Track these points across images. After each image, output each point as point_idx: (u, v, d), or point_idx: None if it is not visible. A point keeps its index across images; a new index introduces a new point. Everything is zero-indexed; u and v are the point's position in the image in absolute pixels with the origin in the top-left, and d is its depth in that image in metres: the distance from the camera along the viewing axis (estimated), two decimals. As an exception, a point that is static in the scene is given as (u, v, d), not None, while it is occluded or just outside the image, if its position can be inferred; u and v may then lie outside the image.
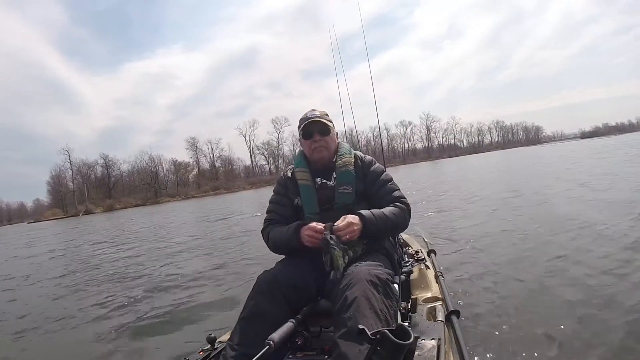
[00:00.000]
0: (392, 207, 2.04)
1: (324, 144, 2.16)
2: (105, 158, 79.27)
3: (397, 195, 2.13)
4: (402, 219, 2.04)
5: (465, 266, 4.41)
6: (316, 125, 2.16)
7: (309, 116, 2.17)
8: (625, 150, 22.96)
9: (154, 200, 71.97)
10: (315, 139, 2.15)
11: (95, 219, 41.35)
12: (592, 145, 39.84)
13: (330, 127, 2.18)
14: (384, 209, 2.02)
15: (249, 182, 77.36)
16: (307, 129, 2.17)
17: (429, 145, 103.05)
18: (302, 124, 2.18)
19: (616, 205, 6.70)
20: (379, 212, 1.97)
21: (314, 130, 2.15)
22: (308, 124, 2.16)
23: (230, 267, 6.28)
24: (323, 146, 2.16)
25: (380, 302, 1.58)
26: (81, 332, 4.15)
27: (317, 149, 2.16)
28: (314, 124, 2.16)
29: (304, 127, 2.17)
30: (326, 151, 2.18)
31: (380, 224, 1.92)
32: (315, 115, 2.17)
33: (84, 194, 73.37)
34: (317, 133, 2.15)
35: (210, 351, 1.84)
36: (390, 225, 1.98)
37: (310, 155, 2.21)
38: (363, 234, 1.89)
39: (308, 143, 2.18)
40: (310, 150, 2.19)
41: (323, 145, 2.16)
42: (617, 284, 3.29)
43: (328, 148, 2.18)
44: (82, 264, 9.13)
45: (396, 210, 2.02)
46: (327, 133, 2.17)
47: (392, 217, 1.99)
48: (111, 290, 5.83)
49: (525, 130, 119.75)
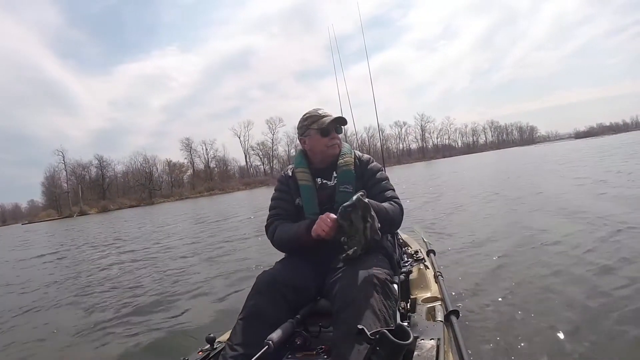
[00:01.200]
0: (388, 204, 2.02)
1: (338, 141, 2.17)
2: (99, 159, 78.82)
3: (390, 195, 2.11)
4: (396, 216, 2.02)
5: (465, 266, 4.43)
6: (342, 120, 2.18)
7: (325, 113, 2.16)
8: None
9: (148, 201, 71.58)
10: (333, 136, 2.15)
11: (89, 220, 41.09)
12: (578, 146, 40.08)
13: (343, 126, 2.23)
14: (383, 203, 2.00)
15: (244, 182, 77.17)
16: (333, 124, 2.15)
17: (424, 146, 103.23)
18: (324, 120, 2.13)
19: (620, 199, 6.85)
20: (377, 203, 1.95)
21: (331, 129, 2.14)
22: (333, 120, 2.14)
23: (230, 267, 6.28)
24: (338, 143, 2.17)
25: (379, 302, 1.58)
26: (81, 332, 4.14)
27: (334, 146, 2.16)
28: (338, 120, 2.17)
29: (328, 124, 2.13)
30: (339, 148, 2.19)
31: (378, 214, 1.87)
32: (330, 113, 2.18)
33: (78, 195, 72.87)
34: (333, 131, 2.15)
35: (210, 351, 1.83)
36: (386, 219, 1.93)
37: (324, 152, 2.16)
38: None
39: (325, 140, 2.14)
40: (326, 147, 2.15)
41: (338, 142, 2.17)
42: (619, 284, 3.28)
43: (340, 144, 2.20)
44: (82, 264, 9.15)
45: (391, 207, 2.01)
46: (340, 130, 2.20)
47: (390, 212, 1.97)
48: (111, 291, 5.83)
49: (519, 130, 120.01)
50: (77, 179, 76.08)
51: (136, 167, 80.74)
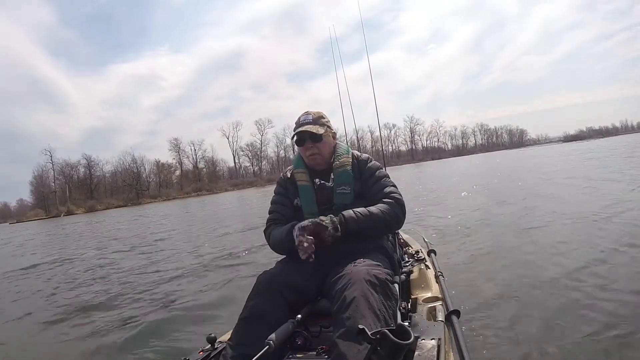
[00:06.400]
0: (381, 204, 2.01)
1: (316, 150, 2.13)
2: (87, 158, 77.92)
3: (389, 191, 2.09)
4: (391, 215, 1.99)
5: (466, 266, 4.47)
6: (306, 133, 2.12)
7: (301, 122, 2.14)
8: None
9: (136, 201, 70.94)
10: (308, 146, 2.12)
11: (75, 220, 40.67)
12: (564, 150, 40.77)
13: (322, 134, 2.12)
14: (372, 206, 2.00)
15: (232, 183, 76.87)
16: (299, 137, 2.13)
17: (413, 148, 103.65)
18: (294, 132, 2.15)
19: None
20: (364, 210, 1.95)
21: (305, 138, 2.12)
22: (299, 132, 2.12)
23: (230, 267, 6.30)
24: (316, 153, 2.13)
25: (379, 302, 1.58)
26: (80, 332, 4.16)
27: (311, 156, 2.14)
28: (300, 134, 2.12)
29: (296, 136, 2.14)
30: (320, 157, 2.15)
31: (362, 220, 1.91)
32: (307, 120, 2.13)
33: (65, 195, 72.02)
34: (308, 140, 2.12)
35: (210, 351, 1.82)
36: (377, 222, 1.95)
37: (308, 159, 2.17)
38: (346, 232, 1.88)
39: (302, 150, 2.16)
40: (306, 156, 2.16)
41: (316, 152, 2.13)
42: (620, 284, 3.32)
43: (322, 154, 2.15)
44: (83, 264, 9.09)
45: (384, 207, 1.99)
46: (319, 139, 2.12)
47: (379, 213, 1.96)
48: (110, 292, 5.80)
49: (509, 133, 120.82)
50: (65, 179, 75.22)
51: (124, 167, 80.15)
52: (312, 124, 2.12)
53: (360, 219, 1.91)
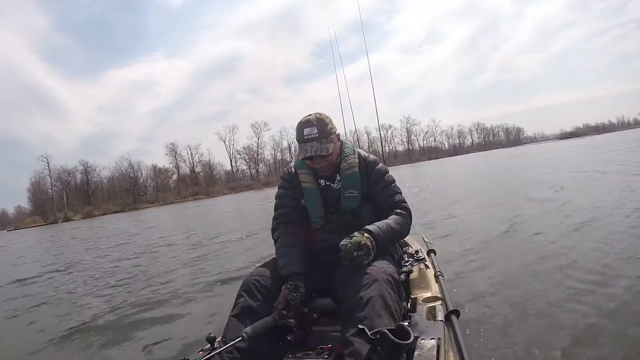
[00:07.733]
0: (396, 216, 2.01)
1: (325, 163, 2.03)
2: (84, 164, 77.65)
3: (398, 200, 2.10)
4: (405, 227, 2.04)
5: (465, 266, 4.46)
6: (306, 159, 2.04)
7: (305, 137, 1.97)
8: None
9: (133, 206, 70.79)
10: (316, 162, 2.03)
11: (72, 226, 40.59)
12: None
13: (329, 146, 1.97)
14: (389, 219, 1.98)
15: (229, 187, 76.74)
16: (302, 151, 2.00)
17: (410, 148, 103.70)
18: (301, 150, 2.01)
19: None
20: (385, 225, 1.92)
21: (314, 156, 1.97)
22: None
23: (230, 267, 6.29)
24: (324, 165, 2.05)
25: (395, 302, 1.61)
26: (81, 332, 4.19)
27: (320, 168, 2.07)
28: (306, 158, 2.01)
29: (300, 149, 2.03)
30: (328, 167, 2.07)
31: (389, 237, 1.91)
32: (312, 136, 1.95)
33: (63, 201, 71.82)
34: (317, 157, 1.98)
35: (210, 351, 1.81)
36: (396, 236, 1.99)
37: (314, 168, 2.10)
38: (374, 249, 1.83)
39: (310, 163, 2.06)
40: (313, 166, 2.08)
41: (324, 164, 2.04)
42: (621, 284, 3.29)
43: (330, 164, 2.06)
44: (83, 263, 9.21)
45: (400, 219, 2.01)
46: (326, 153, 1.97)
47: (397, 227, 1.97)
48: (110, 292, 5.85)
49: (506, 131, 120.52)
50: (63, 185, 75.01)
51: (121, 172, 79.97)
52: (319, 141, 1.95)
53: (386, 237, 1.89)
